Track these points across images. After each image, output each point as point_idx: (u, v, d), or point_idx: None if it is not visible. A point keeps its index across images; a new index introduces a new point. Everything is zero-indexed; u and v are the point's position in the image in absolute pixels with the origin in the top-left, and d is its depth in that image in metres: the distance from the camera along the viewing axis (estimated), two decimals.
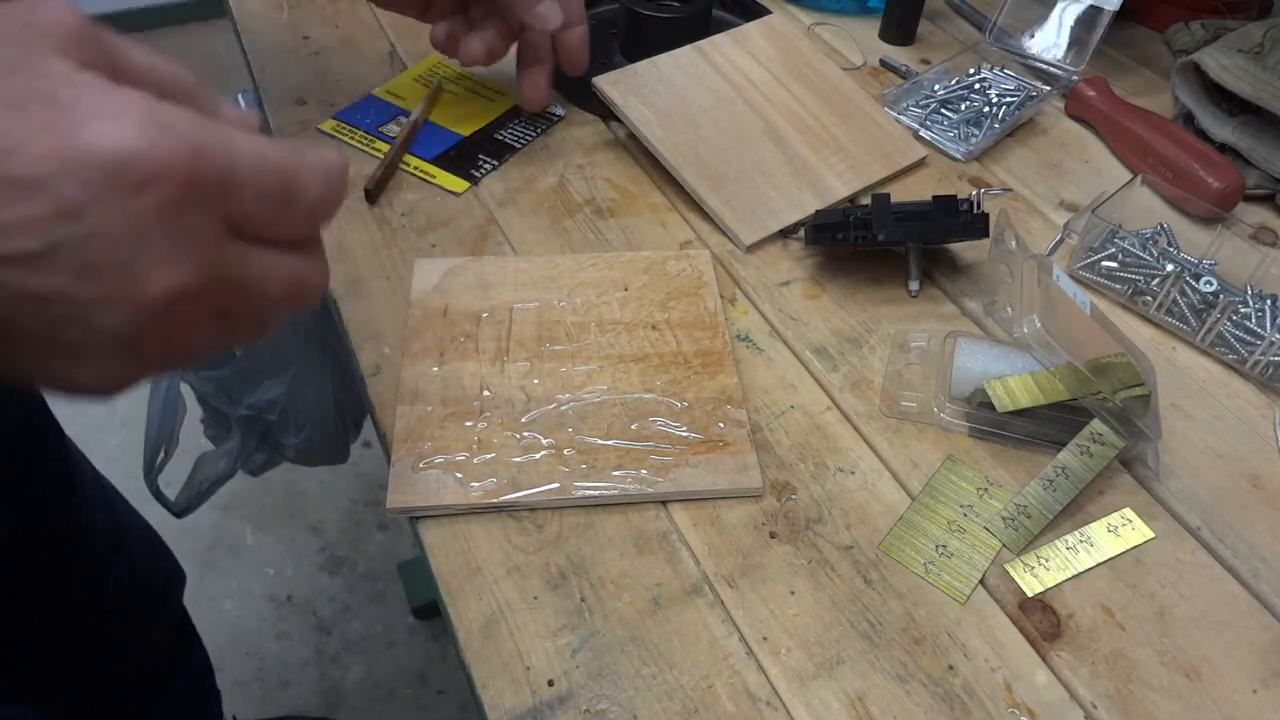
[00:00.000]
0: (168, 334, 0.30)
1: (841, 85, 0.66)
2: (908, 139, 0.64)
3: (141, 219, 0.28)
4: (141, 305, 0.29)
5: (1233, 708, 0.39)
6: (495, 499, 0.43)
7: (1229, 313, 0.53)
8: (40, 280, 0.27)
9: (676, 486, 0.44)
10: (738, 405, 0.48)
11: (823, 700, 0.38)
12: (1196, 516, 0.46)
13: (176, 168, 0.28)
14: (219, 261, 0.30)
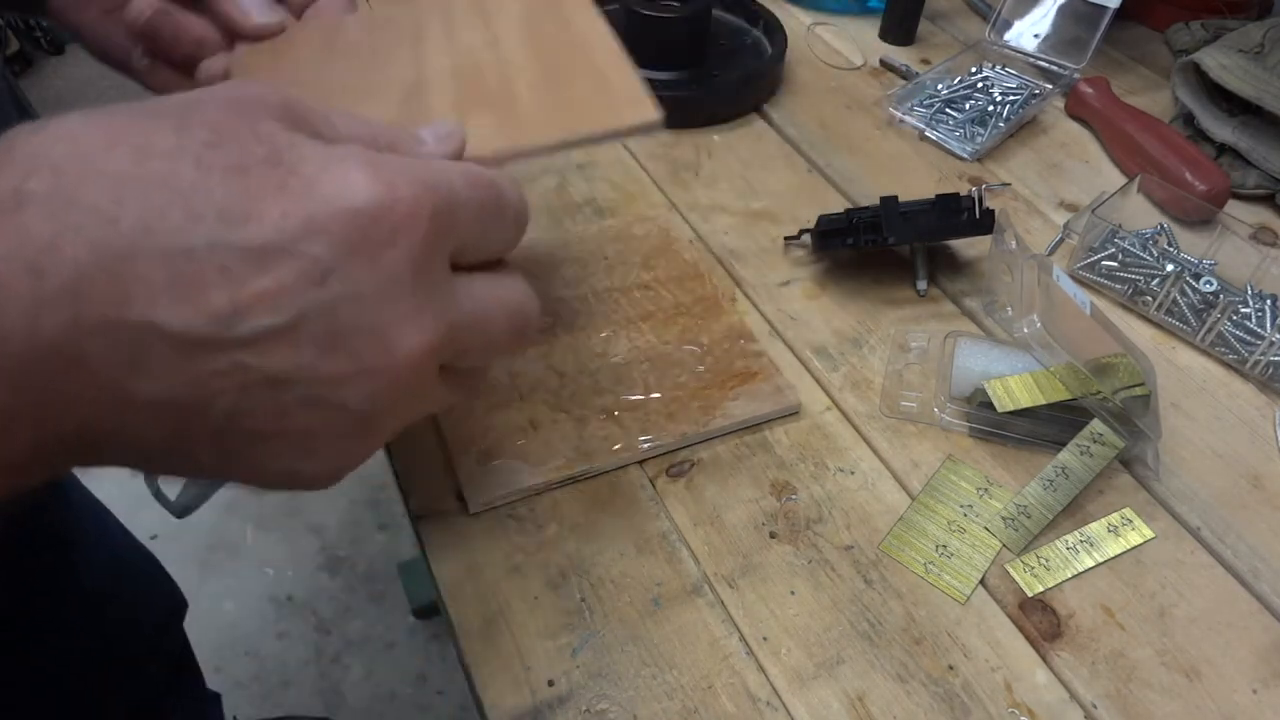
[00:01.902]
0: (405, 404, 0.28)
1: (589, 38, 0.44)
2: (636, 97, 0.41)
3: (392, 273, 0.26)
4: (390, 373, 0.27)
5: (1233, 708, 0.39)
6: (571, 471, 0.44)
7: (1229, 313, 0.53)
8: (283, 359, 0.25)
9: (728, 420, 0.47)
10: (750, 339, 0.51)
11: (823, 700, 0.38)
12: (1196, 516, 0.46)
13: (422, 212, 0.26)
14: (452, 305, 0.28)
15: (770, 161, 0.66)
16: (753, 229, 0.60)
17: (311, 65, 0.43)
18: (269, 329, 0.24)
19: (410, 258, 0.26)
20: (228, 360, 0.24)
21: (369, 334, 0.26)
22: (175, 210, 0.23)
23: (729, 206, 0.62)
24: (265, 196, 0.24)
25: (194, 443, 0.26)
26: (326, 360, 0.25)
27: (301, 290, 0.24)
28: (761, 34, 0.76)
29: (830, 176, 0.66)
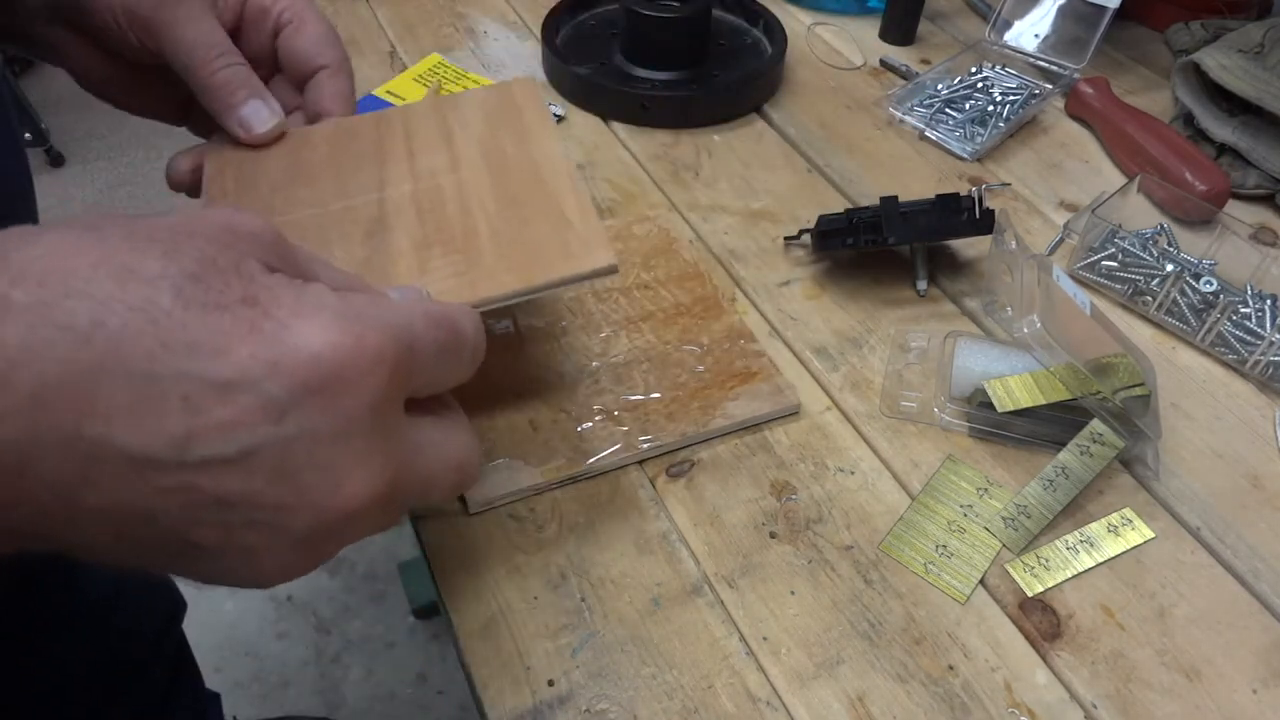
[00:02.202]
0: (347, 533, 0.29)
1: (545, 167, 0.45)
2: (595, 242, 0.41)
3: (349, 417, 0.27)
4: (335, 510, 0.28)
5: (1233, 708, 0.39)
6: (571, 471, 0.45)
7: (1229, 313, 0.53)
8: (231, 484, 0.26)
9: (728, 420, 0.47)
10: (750, 339, 0.51)
11: (823, 700, 0.38)
12: (1196, 516, 0.46)
13: (384, 362, 0.27)
14: (401, 453, 0.29)
15: (770, 161, 0.66)
16: (753, 229, 0.61)
17: (278, 181, 0.44)
18: (221, 457, 0.25)
19: (369, 404, 0.27)
20: (177, 480, 0.25)
21: (320, 472, 0.27)
22: (148, 337, 0.24)
23: (729, 206, 0.62)
24: (236, 335, 0.25)
25: (138, 545, 0.27)
26: (274, 490, 0.26)
27: (257, 425, 0.26)
28: (761, 34, 0.76)
29: (830, 176, 0.66)
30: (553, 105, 0.69)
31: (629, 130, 0.68)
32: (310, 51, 0.46)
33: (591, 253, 0.41)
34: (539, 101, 0.48)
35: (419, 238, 0.41)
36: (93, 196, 2.24)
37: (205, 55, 0.43)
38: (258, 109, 0.44)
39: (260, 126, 0.44)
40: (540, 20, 0.73)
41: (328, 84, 0.46)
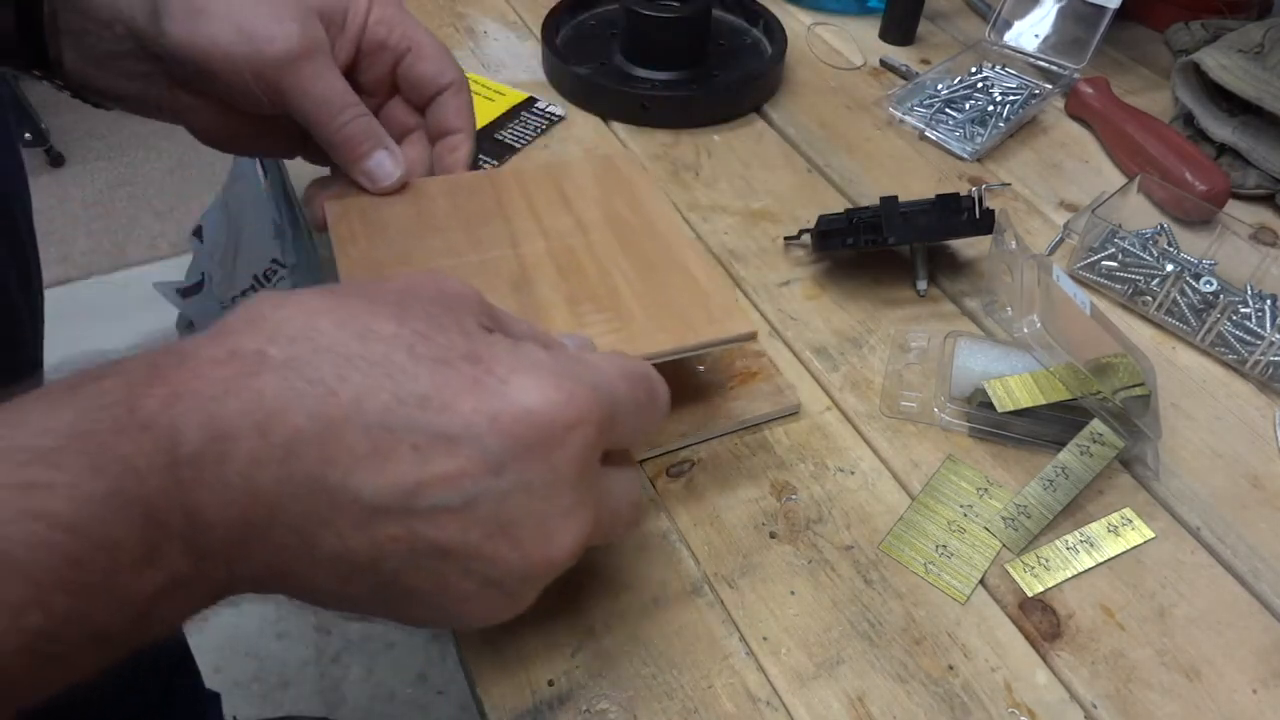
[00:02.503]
0: (547, 580, 0.31)
1: (668, 233, 0.47)
2: (731, 307, 0.44)
3: (560, 471, 0.29)
4: (545, 562, 0.30)
5: (1233, 708, 0.39)
6: None
7: (1229, 313, 0.53)
8: (452, 534, 0.28)
9: (729, 420, 0.47)
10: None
11: (823, 700, 0.38)
12: (1196, 516, 0.46)
13: (591, 418, 0.29)
14: (597, 500, 0.31)
15: (770, 161, 0.66)
16: (753, 229, 0.61)
17: (406, 228, 0.46)
18: (445, 506, 0.27)
19: (577, 458, 0.29)
20: (403, 527, 0.27)
21: (533, 525, 0.29)
22: (385, 391, 0.27)
23: (729, 206, 0.62)
24: (462, 390, 0.28)
25: (357, 589, 0.29)
26: (491, 543, 0.28)
27: (479, 477, 0.28)
28: (761, 34, 0.76)
29: (830, 176, 0.66)
30: (553, 105, 0.69)
31: (629, 130, 0.68)
32: (431, 74, 0.48)
33: (732, 318, 0.43)
34: (644, 173, 0.52)
35: (566, 293, 0.43)
36: (93, 196, 2.24)
37: (330, 112, 0.45)
38: (382, 161, 0.47)
39: (386, 179, 0.47)
40: (540, 20, 0.73)
41: (452, 102, 0.49)
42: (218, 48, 0.43)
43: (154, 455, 0.25)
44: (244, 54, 0.43)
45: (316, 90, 0.45)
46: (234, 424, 0.26)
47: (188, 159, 2.34)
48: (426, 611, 0.30)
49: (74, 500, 0.24)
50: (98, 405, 0.25)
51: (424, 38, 0.48)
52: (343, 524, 0.27)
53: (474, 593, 0.30)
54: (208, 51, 0.43)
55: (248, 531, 0.26)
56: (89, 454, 0.24)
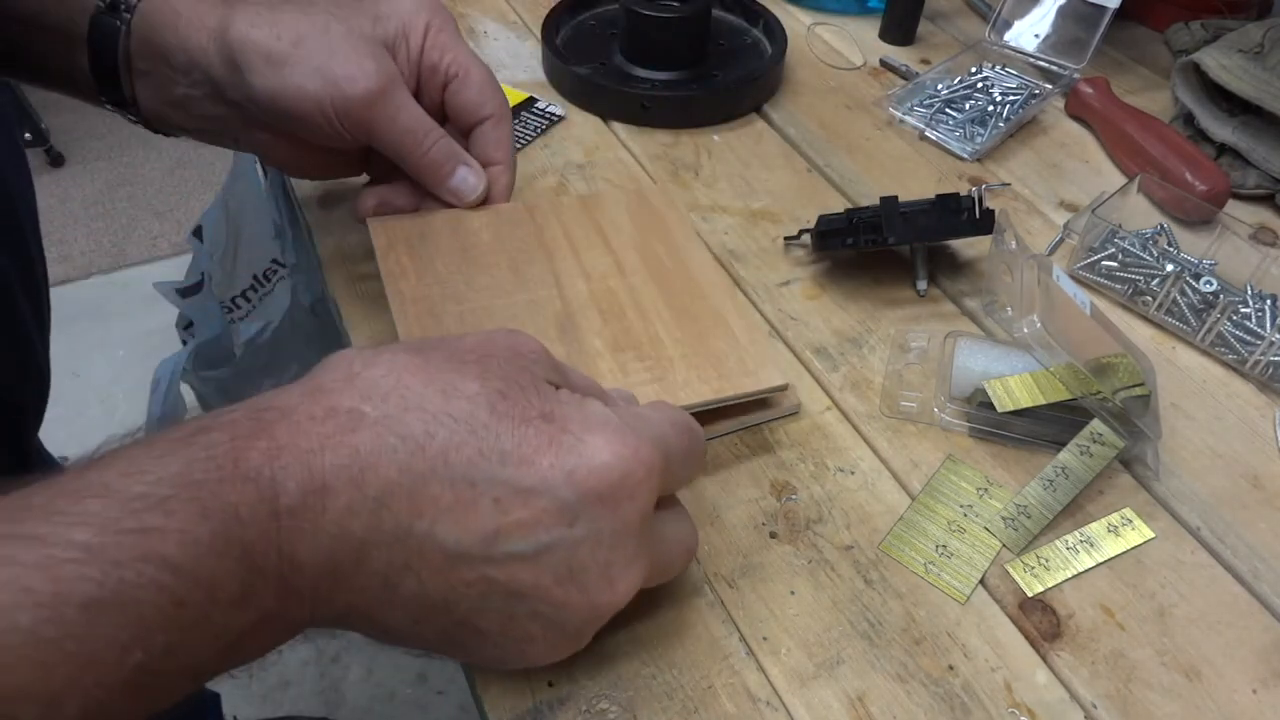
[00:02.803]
0: (603, 622, 0.33)
1: (703, 278, 0.49)
2: (765, 358, 0.46)
3: (626, 521, 0.31)
4: (609, 606, 0.32)
5: (1233, 708, 0.39)
6: None
7: (1229, 313, 0.53)
8: (524, 579, 0.30)
9: (732, 421, 0.47)
10: None
11: (823, 700, 0.38)
12: (1196, 516, 0.46)
13: (654, 470, 0.32)
14: (654, 546, 0.34)
15: (770, 161, 0.66)
16: (753, 229, 0.61)
17: (452, 263, 0.48)
18: (520, 553, 0.30)
19: (641, 509, 0.32)
20: (480, 572, 0.30)
21: (599, 571, 0.31)
22: (469, 447, 0.29)
23: (729, 206, 0.62)
24: (539, 448, 0.30)
25: (429, 629, 0.31)
26: (560, 588, 0.31)
27: (553, 527, 0.30)
28: (761, 34, 0.76)
29: (830, 176, 0.66)
30: (553, 105, 0.69)
31: (629, 130, 0.68)
32: (475, 103, 0.50)
33: (765, 369, 0.46)
34: (678, 208, 0.54)
35: (609, 340, 0.46)
36: (93, 196, 2.24)
37: (416, 140, 0.48)
38: (465, 177, 0.50)
39: (470, 194, 0.50)
40: (540, 20, 0.73)
41: (491, 133, 0.50)
42: (304, 94, 0.45)
43: (256, 505, 0.27)
44: (330, 97, 0.45)
45: (400, 122, 0.47)
46: (331, 478, 0.28)
47: (188, 159, 2.34)
48: (492, 650, 0.33)
49: (183, 544, 0.26)
50: (206, 456, 0.27)
51: (473, 66, 0.50)
52: (424, 569, 0.29)
53: (538, 634, 0.32)
54: (293, 99, 0.45)
55: (335, 575, 0.29)
56: (198, 501, 0.26)
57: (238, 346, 1.00)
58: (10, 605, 0.23)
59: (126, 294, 1.97)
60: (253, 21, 0.45)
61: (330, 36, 0.45)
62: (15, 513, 0.25)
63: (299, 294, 0.97)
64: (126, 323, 1.89)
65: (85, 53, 0.47)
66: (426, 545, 0.29)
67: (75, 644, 0.24)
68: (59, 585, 0.24)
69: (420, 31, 0.48)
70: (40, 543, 0.24)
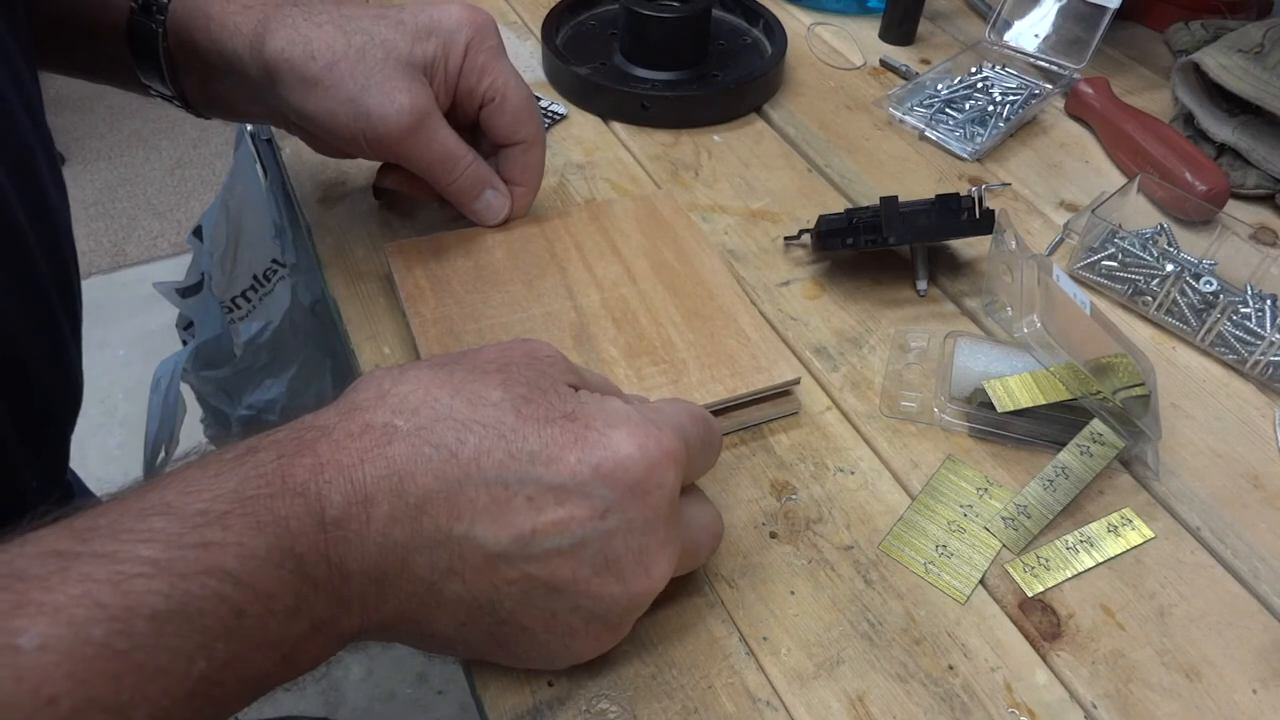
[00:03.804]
0: (642, 610, 0.34)
1: (712, 281, 0.51)
2: (776, 355, 0.47)
3: (655, 509, 0.32)
4: (646, 592, 0.33)
5: (1233, 708, 0.39)
6: None
7: (1229, 313, 0.53)
8: (564, 573, 0.31)
9: (732, 421, 0.47)
10: None
11: (823, 700, 0.38)
12: (1196, 516, 0.46)
13: (677, 459, 0.32)
14: (684, 532, 0.34)
15: (770, 161, 0.66)
16: (753, 229, 0.61)
17: (469, 282, 0.50)
18: (557, 549, 0.31)
19: (669, 495, 0.32)
20: (520, 571, 0.31)
21: (633, 559, 0.32)
22: (499, 450, 0.30)
23: (729, 206, 0.62)
24: (566, 446, 0.31)
25: (475, 631, 0.32)
26: (598, 579, 0.32)
27: (586, 521, 0.31)
28: (761, 34, 0.76)
29: (830, 176, 0.66)
30: (553, 105, 0.69)
31: (629, 130, 0.68)
32: (509, 128, 0.51)
33: (777, 364, 0.47)
34: (685, 215, 0.55)
35: (624, 347, 0.47)
36: (93, 196, 2.24)
37: (445, 169, 0.49)
38: (490, 201, 0.52)
39: (493, 218, 0.52)
40: (540, 20, 0.73)
41: (520, 157, 0.52)
42: (336, 120, 0.46)
43: (305, 518, 0.28)
44: (360, 129, 0.46)
45: (432, 152, 0.48)
46: (373, 488, 0.29)
47: (188, 159, 2.34)
48: (536, 649, 0.34)
49: (241, 557, 0.27)
50: (257, 474, 0.29)
51: (511, 90, 0.50)
52: (466, 571, 0.30)
53: (580, 627, 0.33)
54: (326, 123, 0.46)
55: (382, 582, 0.30)
56: (253, 515, 0.28)
57: (238, 346, 1.00)
58: (85, 620, 0.24)
59: (126, 294, 1.97)
60: (290, 38, 0.45)
61: (366, 63, 0.45)
62: (84, 533, 0.26)
63: (299, 294, 0.97)
64: (126, 323, 1.89)
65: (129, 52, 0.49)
66: (467, 547, 0.30)
67: (144, 655, 0.24)
68: (129, 599, 0.25)
69: (460, 53, 0.48)
70: (110, 560, 0.25)
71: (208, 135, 2.40)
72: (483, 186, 0.51)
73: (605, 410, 0.33)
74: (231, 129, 0.92)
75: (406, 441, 0.30)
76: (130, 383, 1.76)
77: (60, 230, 0.47)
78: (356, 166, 0.62)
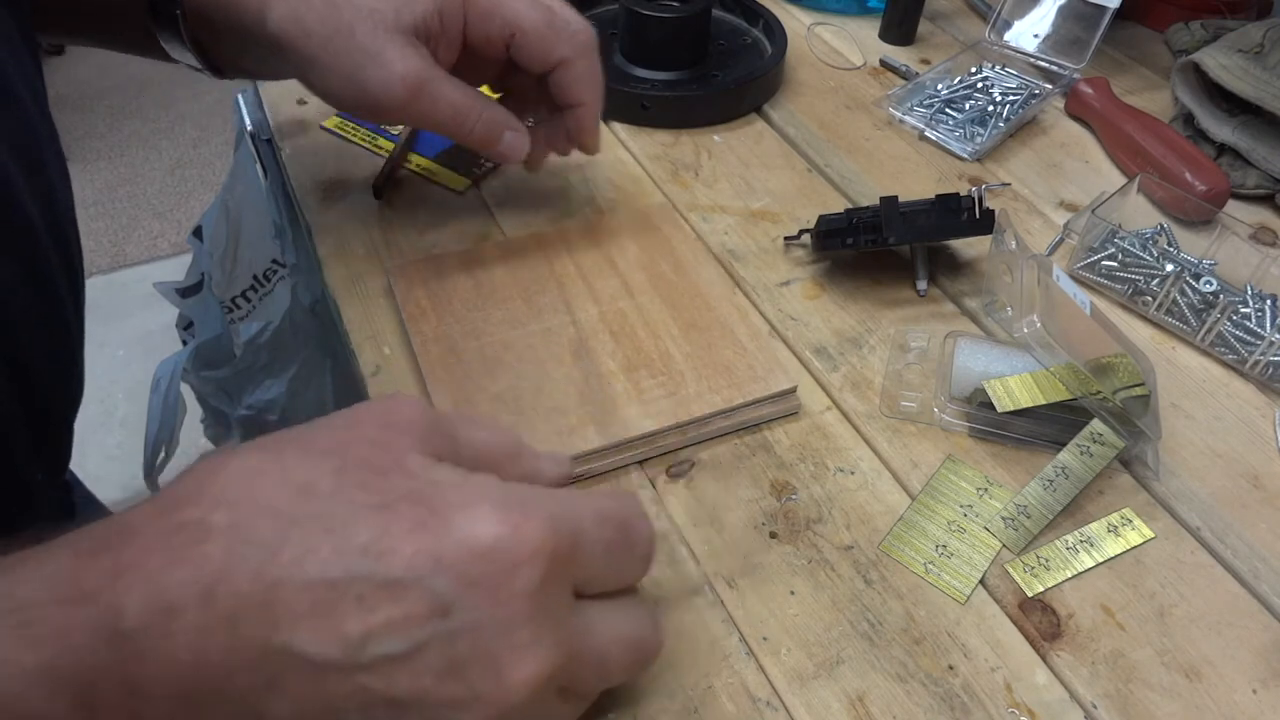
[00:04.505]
0: None
1: (709, 292, 0.51)
2: (773, 364, 0.48)
3: (509, 607, 0.28)
4: (503, 700, 0.28)
5: (1233, 708, 0.39)
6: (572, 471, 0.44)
7: (1229, 313, 0.53)
8: (404, 683, 0.27)
9: (732, 421, 0.47)
10: None
11: (823, 700, 0.38)
12: (1196, 516, 0.46)
13: (543, 551, 0.28)
14: (569, 636, 0.30)
15: (770, 161, 0.66)
16: (753, 229, 0.61)
17: (469, 300, 0.50)
18: (393, 655, 0.26)
19: (528, 592, 0.28)
20: (354, 683, 0.26)
21: (484, 663, 0.27)
22: (325, 546, 0.26)
23: (729, 206, 0.62)
24: (403, 534, 0.27)
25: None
26: (443, 686, 0.27)
27: (425, 620, 0.27)
28: (761, 34, 0.76)
29: (830, 176, 0.66)
30: None
31: (629, 130, 0.68)
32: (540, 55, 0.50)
33: (773, 373, 0.47)
34: (681, 226, 0.56)
35: (623, 361, 0.48)
36: (93, 196, 2.24)
37: (457, 122, 0.48)
38: (510, 141, 0.51)
39: (516, 155, 0.51)
40: None
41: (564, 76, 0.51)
42: (337, 96, 0.47)
43: (92, 630, 0.25)
44: (363, 104, 0.47)
45: (439, 113, 0.48)
46: (177, 595, 0.25)
47: (188, 159, 2.34)
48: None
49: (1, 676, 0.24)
50: (39, 576, 0.25)
51: (526, 20, 0.48)
52: (292, 687, 0.26)
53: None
54: (327, 95, 0.47)
55: (193, 703, 0.26)
56: (26, 626, 0.24)
57: (238, 346, 1.00)
58: None
59: (126, 294, 1.97)
60: (284, 14, 0.45)
61: (356, 39, 0.45)
62: None
63: (299, 294, 0.97)
64: (126, 323, 1.89)
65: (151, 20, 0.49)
66: (289, 660, 0.26)
67: None
68: None
69: (458, 6, 0.48)
70: None
71: (208, 135, 2.40)
72: (500, 130, 0.50)
73: (463, 489, 0.29)
74: (231, 129, 0.92)
75: (222, 540, 0.26)
76: (130, 383, 1.76)
77: (66, 220, 0.47)
78: (356, 166, 0.62)
